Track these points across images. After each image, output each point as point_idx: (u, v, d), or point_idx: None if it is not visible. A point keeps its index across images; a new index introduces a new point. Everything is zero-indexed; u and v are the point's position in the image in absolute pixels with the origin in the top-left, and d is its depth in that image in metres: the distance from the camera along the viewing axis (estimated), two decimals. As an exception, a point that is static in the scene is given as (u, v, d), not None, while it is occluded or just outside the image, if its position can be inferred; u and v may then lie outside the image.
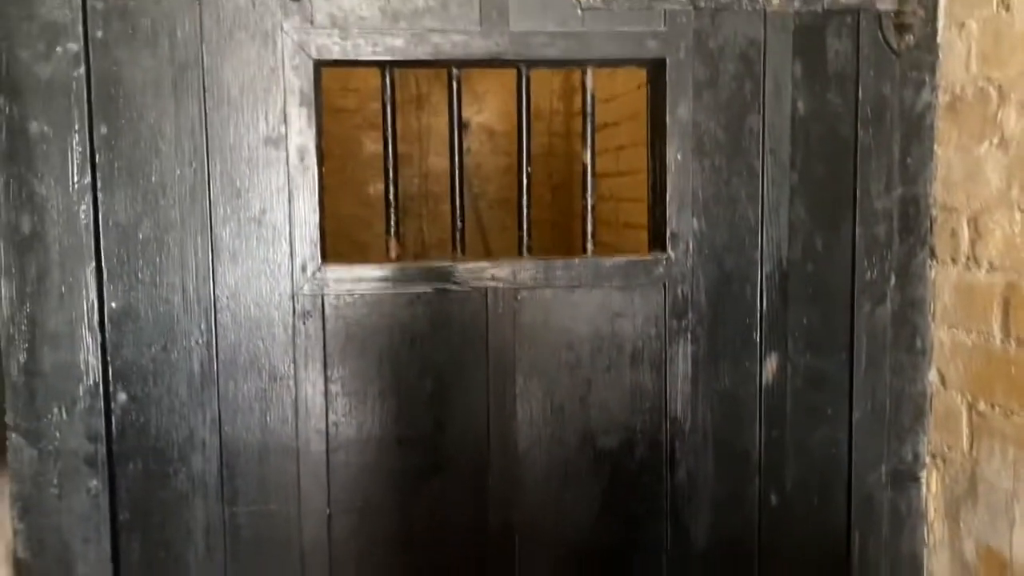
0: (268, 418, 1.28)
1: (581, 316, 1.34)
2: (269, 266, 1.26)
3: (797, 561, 1.41)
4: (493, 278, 1.30)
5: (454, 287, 1.30)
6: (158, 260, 1.24)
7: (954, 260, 1.34)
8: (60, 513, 1.24)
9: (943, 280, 1.37)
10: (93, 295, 1.22)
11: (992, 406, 1.26)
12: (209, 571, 1.28)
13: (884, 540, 1.42)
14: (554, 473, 1.35)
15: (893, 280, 1.38)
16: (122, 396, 1.25)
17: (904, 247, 1.38)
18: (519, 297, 1.31)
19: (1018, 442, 1.22)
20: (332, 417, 1.29)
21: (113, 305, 1.23)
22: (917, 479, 1.41)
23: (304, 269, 1.26)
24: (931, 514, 1.41)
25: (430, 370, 1.31)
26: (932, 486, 1.41)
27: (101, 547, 1.25)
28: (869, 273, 1.38)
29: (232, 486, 1.27)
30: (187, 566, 1.28)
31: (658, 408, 1.36)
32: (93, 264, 1.22)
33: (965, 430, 1.33)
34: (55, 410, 1.22)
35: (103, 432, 1.24)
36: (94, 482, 1.24)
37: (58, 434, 1.23)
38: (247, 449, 1.27)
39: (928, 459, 1.41)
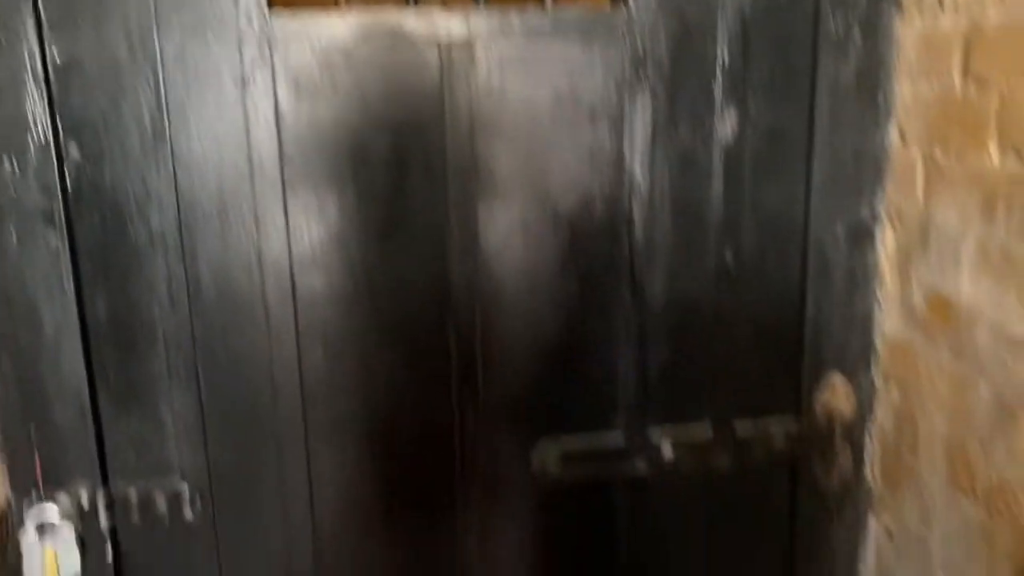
0: (223, 174, 1.27)
1: (540, 72, 1.32)
2: (213, 16, 1.22)
3: (752, 321, 1.44)
4: (448, 31, 1.27)
5: (407, 39, 1.27)
6: (99, 10, 1.20)
7: (920, 10, 1.31)
8: (22, 269, 1.25)
9: (908, 32, 1.34)
10: (35, 46, 1.19)
11: (947, 153, 1.26)
12: (176, 326, 1.31)
13: (838, 299, 1.45)
14: (514, 234, 1.36)
15: (857, 33, 1.35)
16: (74, 151, 1.24)
17: (870, -2, 1.35)
18: (475, 51, 1.29)
19: (968, 185, 1.23)
20: (288, 173, 1.29)
21: (56, 56, 1.20)
22: (872, 237, 1.43)
23: (249, 20, 1.23)
24: (884, 272, 1.44)
25: (385, 132, 1.30)
26: (887, 244, 1.43)
27: (66, 303, 1.27)
28: (833, 25, 1.34)
29: (191, 242, 1.28)
30: (153, 322, 1.31)
31: (617, 168, 1.36)
32: (32, 14, 1.18)
33: (920, 182, 1.33)
34: (7, 163, 1.22)
35: (58, 187, 1.24)
36: (53, 238, 1.25)
37: (13, 189, 1.23)
38: (204, 205, 1.28)
39: (884, 217, 1.42)
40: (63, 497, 1.33)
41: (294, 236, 1.30)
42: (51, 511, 1.32)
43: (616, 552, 1.48)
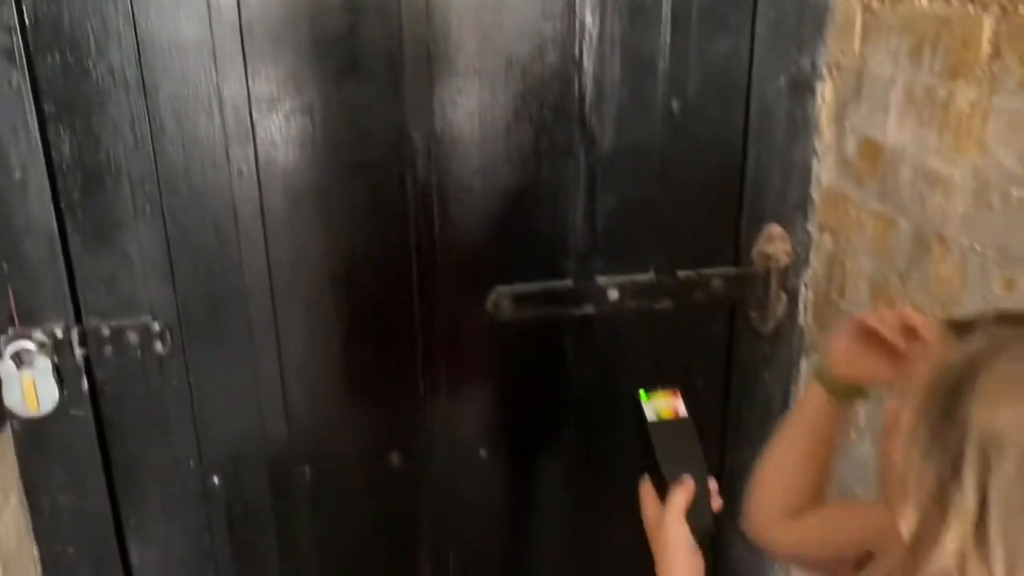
0: (181, 13, 1.30)
1: (492, -83, 1.34)
2: None
3: (696, 167, 1.51)
4: None
5: None
6: None
7: None
8: (-15, 105, 1.28)
9: None
10: None
11: (883, 0, 1.32)
12: (140, 165, 1.35)
13: (778, 149, 1.52)
14: (468, 81, 1.41)
15: None
16: (31, -14, 1.26)
17: None
18: None
19: (900, 30, 1.28)
20: (245, 14, 1.31)
21: None
22: (812, 89, 1.49)
23: None
24: (822, 123, 1.50)
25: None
26: (825, 95, 1.49)
27: (31, 140, 1.31)
28: None
29: (152, 80, 1.32)
30: (117, 160, 1.35)
31: (568, 13, 1.40)
32: None
33: (858, 32, 1.39)
34: (-36, -1, 1.23)
35: (16, 24, 1.25)
36: (14, 75, 1.27)
37: (-29, 24, 1.25)
38: (163, 43, 1.30)
39: (824, 69, 1.48)
40: (38, 333, 1.40)
41: (252, 76, 1.33)
42: (27, 343, 1.38)
43: (566, 384, 1.58)
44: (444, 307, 1.51)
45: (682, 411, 1.09)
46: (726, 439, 1.69)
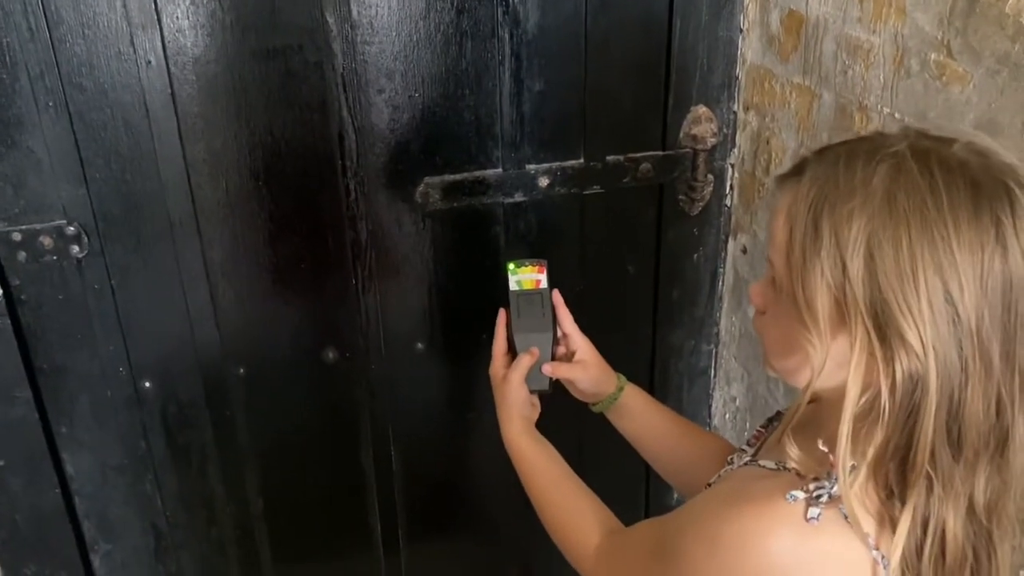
0: None
1: None
2: None
3: (622, 47, 1.49)
4: None
5: None
6: None
7: None
8: None
9: None
10: None
11: None
12: (38, 57, 1.27)
13: (703, 26, 1.50)
14: (384, -40, 1.35)
15: None
16: None
17: None
18: None
19: None
20: None
21: None
22: (736, -37, 1.47)
23: None
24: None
25: None
26: (749, -31, 1.47)
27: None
28: None
29: (43, -37, 1.23)
30: (13, 53, 1.26)
31: None
32: None
33: (781, -99, 1.37)
34: None
35: None
36: None
37: None
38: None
39: (748, -58, 1.46)
40: (-56, 241, 1.33)
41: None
42: (-68, 252, 1.32)
43: (497, 263, 1.58)
44: (372, 199, 1.48)
45: (543, 283, 1.23)
46: (657, 320, 1.73)
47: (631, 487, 1.85)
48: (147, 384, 1.51)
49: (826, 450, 0.73)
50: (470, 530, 1.86)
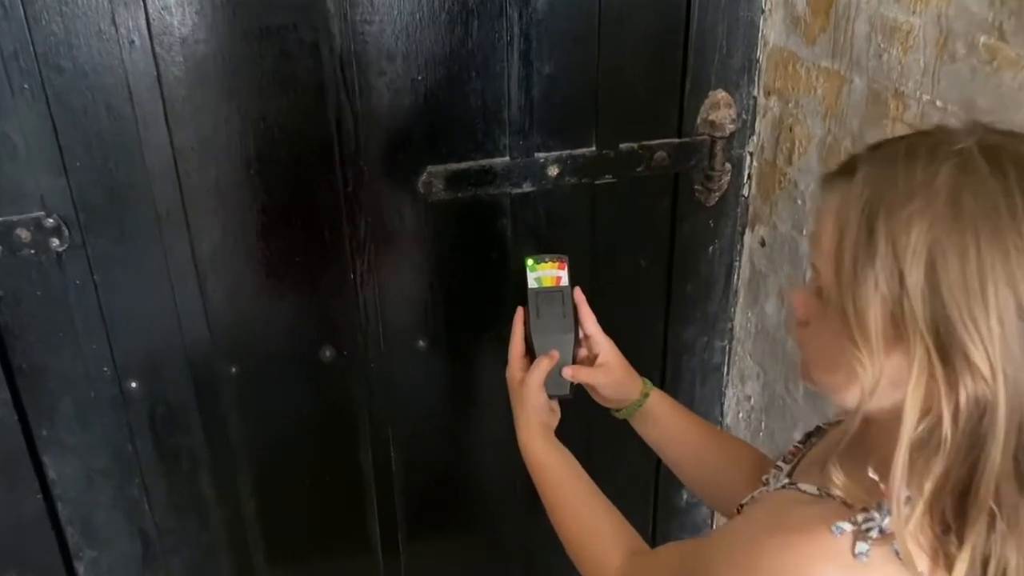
0: None
1: None
2: None
3: (637, 28, 1.41)
4: None
5: None
6: None
7: None
8: None
9: None
10: None
11: None
12: (12, 38, 1.18)
13: (722, 7, 1.42)
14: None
15: None
16: None
17: None
18: None
19: None
20: None
21: None
22: (760, -61, 1.38)
23: None
24: (771, -23, 1.41)
25: None
26: (774, -55, 1.38)
27: None
28: None
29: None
30: (-16, 30, 1.17)
31: None
32: None
33: None
34: None
35: None
36: None
37: None
38: None
39: (773, -84, 1.37)
40: (-85, 233, 1.24)
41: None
42: (-99, 245, 1.23)
43: (505, 267, 1.50)
44: (371, 189, 1.40)
45: (564, 281, 1.15)
46: (669, 314, 1.65)
47: (640, 485, 1.78)
48: (133, 384, 1.43)
49: (877, 479, 0.66)
50: (471, 533, 1.79)
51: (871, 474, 0.67)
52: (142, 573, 1.59)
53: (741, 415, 1.73)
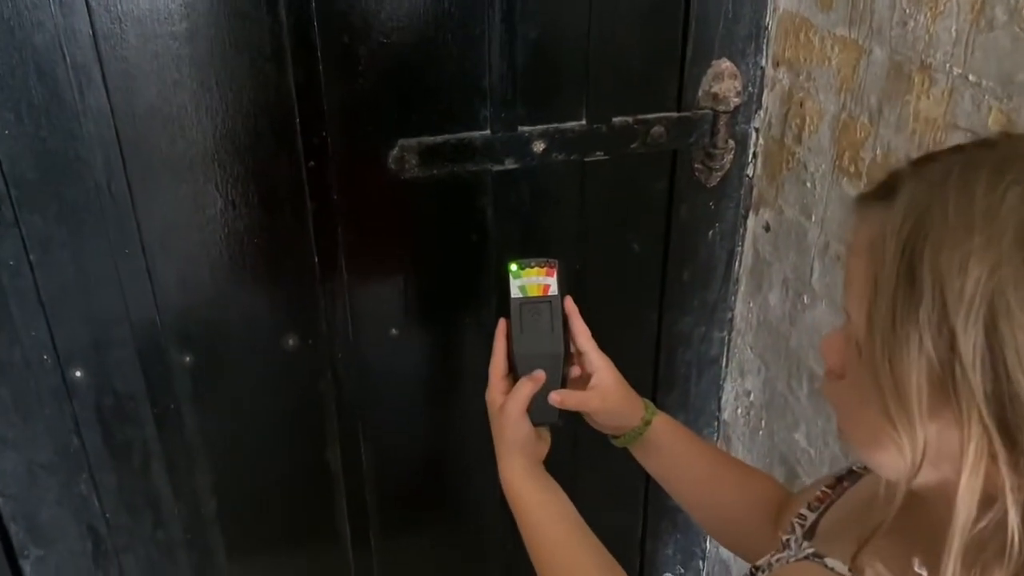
0: None
1: None
2: None
3: (634, -10, 1.27)
4: None
5: None
6: None
7: None
8: None
9: None
10: None
11: None
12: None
13: (729, -32, 1.28)
14: None
15: None
16: None
17: None
18: None
19: None
20: None
21: None
22: None
23: None
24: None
25: None
26: None
27: None
28: None
29: None
30: None
31: None
32: None
33: None
34: None
35: None
36: None
37: None
38: None
39: None
40: None
41: None
42: None
43: (485, 250, 1.38)
44: (336, 164, 1.27)
45: (552, 289, 0.99)
46: (664, 303, 1.53)
47: (629, 488, 1.67)
48: (77, 373, 1.31)
49: (923, 574, 0.53)
50: (447, 527, 1.68)
51: (917, 568, 0.55)
52: (93, 572, 1.48)
53: (740, 411, 1.61)
